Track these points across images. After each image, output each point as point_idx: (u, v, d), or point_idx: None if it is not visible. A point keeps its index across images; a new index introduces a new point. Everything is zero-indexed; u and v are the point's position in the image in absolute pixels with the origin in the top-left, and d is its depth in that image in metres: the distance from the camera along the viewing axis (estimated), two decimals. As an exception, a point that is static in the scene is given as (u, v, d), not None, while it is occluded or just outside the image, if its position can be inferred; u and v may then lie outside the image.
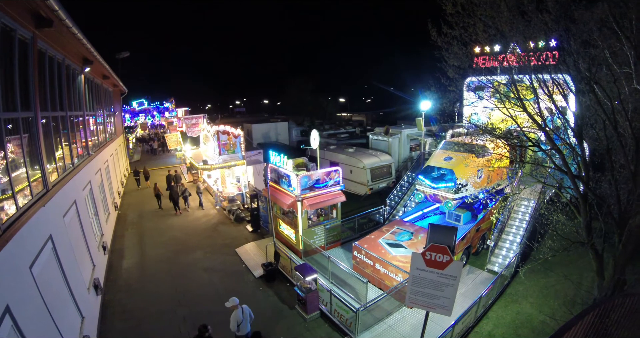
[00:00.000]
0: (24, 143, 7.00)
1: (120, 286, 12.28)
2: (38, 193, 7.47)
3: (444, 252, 6.04)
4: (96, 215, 13.56)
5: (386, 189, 20.53)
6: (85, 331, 8.09)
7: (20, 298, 5.28)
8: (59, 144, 10.05)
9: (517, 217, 13.42)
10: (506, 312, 10.46)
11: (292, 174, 13.11)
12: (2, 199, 5.75)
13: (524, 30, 8.68)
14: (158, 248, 15.39)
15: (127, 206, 22.06)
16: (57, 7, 7.22)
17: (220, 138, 18.95)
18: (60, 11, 7.49)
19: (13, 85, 6.59)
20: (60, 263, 7.76)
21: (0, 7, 5.64)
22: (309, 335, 9.79)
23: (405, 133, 23.25)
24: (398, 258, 11.21)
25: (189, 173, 27.61)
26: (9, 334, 4.57)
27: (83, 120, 13.79)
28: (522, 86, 9.33)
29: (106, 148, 19.18)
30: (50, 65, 9.24)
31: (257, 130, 36.51)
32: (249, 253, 14.47)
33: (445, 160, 13.15)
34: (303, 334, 9.81)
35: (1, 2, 5.63)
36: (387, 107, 60.52)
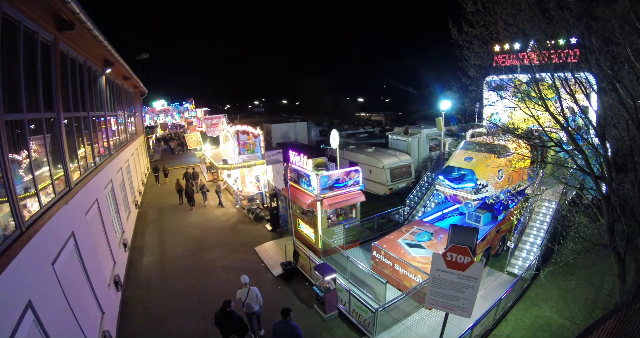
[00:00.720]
0: (47, 142, 7.19)
1: (140, 283, 12.52)
2: (61, 191, 7.66)
3: (465, 253, 5.99)
4: (117, 212, 13.86)
5: (405, 190, 20.32)
6: (105, 326, 8.26)
7: (42, 294, 5.42)
8: (81, 143, 10.31)
9: (538, 218, 13.10)
10: (525, 315, 10.25)
11: (312, 174, 13.11)
12: (26, 197, 5.92)
13: (546, 28, 8.47)
14: (178, 246, 15.63)
15: (147, 202, 22.71)
16: (78, 10, 7.39)
17: (240, 137, 19.13)
18: (82, 14, 7.66)
19: (36, 86, 6.79)
20: (82, 259, 7.93)
21: (23, 10, 5.81)
22: (326, 334, 9.77)
23: (425, 132, 22.99)
24: (417, 258, 11.09)
25: (208, 172, 28.03)
26: (30, 328, 4.70)
27: (104, 120, 14.12)
28: (544, 85, 9.11)
29: (127, 148, 19.61)
30: (72, 67, 9.48)
31: (276, 130, 36.70)
32: (268, 252, 14.56)
33: (465, 160, 12.95)
34: (321, 333, 9.80)
35: (23, 5, 5.80)
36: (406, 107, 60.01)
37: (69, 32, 7.99)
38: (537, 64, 9.18)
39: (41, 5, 6.60)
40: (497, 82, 11.39)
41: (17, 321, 4.39)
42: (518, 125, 10.15)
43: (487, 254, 12.54)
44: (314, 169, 13.37)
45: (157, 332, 9.88)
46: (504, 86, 10.55)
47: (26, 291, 4.91)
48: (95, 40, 10.11)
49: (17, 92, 5.91)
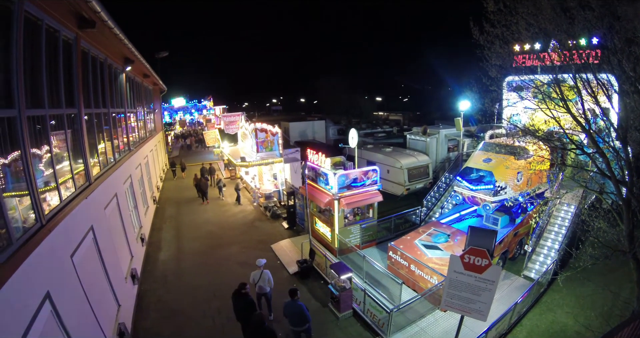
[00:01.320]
0: (68, 138, 7.35)
1: (156, 277, 12.74)
2: (81, 185, 7.83)
3: (483, 256, 5.94)
4: (135, 207, 14.12)
5: (423, 190, 20.17)
6: (121, 319, 8.43)
7: (60, 285, 5.55)
8: (102, 139, 10.53)
9: (557, 222, 12.83)
10: (541, 321, 10.07)
11: (330, 173, 13.12)
12: (46, 190, 6.08)
13: (568, 28, 8.27)
14: (194, 242, 15.85)
15: (165, 195, 23.32)
16: (100, 9, 7.52)
17: (258, 135, 19.31)
18: (103, 13, 7.80)
19: (58, 83, 6.95)
20: (100, 253, 8.10)
21: (45, 9, 5.94)
22: (340, 333, 9.77)
23: (443, 133, 22.73)
24: (434, 260, 10.99)
25: (226, 169, 28.35)
26: (47, 319, 4.81)
27: (124, 117, 14.39)
28: (565, 86, 8.91)
29: (146, 144, 19.95)
30: (93, 64, 9.68)
31: (294, 128, 36.87)
32: (284, 250, 14.63)
33: (484, 162, 12.78)
34: (335, 332, 9.80)
35: (45, 4, 5.94)
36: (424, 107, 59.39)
37: (90, 30, 8.13)
38: (559, 65, 8.98)
39: (63, 3, 6.73)
40: (517, 83, 11.18)
41: (35, 312, 4.50)
42: (538, 127, 9.94)
43: (504, 257, 12.33)
44: (331, 168, 13.38)
45: (172, 326, 10.04)
46: (523, 86, 10.35)
47: (45, 282, 5.03)
48: (115, 38, 10.28)
49: (40, 89, 6.06)
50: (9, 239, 4.37)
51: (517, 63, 13.53)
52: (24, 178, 5.12)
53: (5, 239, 4.33)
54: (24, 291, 4.42)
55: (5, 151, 4.72)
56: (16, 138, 4.99)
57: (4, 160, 4.67)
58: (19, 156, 5.03)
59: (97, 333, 6.82)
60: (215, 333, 9.75)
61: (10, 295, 3.99)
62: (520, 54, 13.92)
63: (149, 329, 9.87)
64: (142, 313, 10.55)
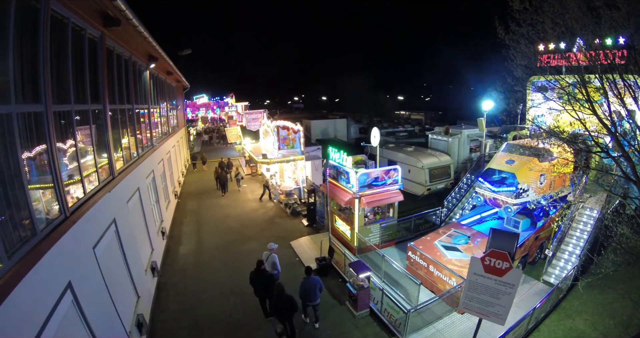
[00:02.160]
0: (93, 132, 7.57)
1: (175, 271, 12.98)
2: (105, 179, 8.05)
3: (504, 259, 5.88)
4: (157, 202, 14.45)
5: (444, 191, 19.91)
6: (140, 310, 8.63)
7: (82, 276, 5.72)
8: (125, 134, 10.80)
9: (579, 227, 12.44)
10: (559, 327, 9.82)
11: (351, 171, 13.09)
12: (70, 183, 6.28)
13: (594, 28, 8.02)
14: (214, 237, 16.08)
15: (186, 187, 24.19)
16: (125, 7, 7.70)
17: (280, 132, 19.41)
18: (127, 11, 7.99)
19: (84, 80, 7.17)
20: (122, 245, 8.32)
21: (71, 8, 6.13)
22: (356, 332, 9.75)
23: (466, 133, 22.35)
24: (453, 261, 10.84)
25: (247, 166, 28.67)
26: (68, 308, 4.98)
27: (148, 113, 14.72)
28: (590, 87, 8.65)
29: (169, 140, 20.36)
30: (118, 62, 9.92)
31: (315, 126, 36.93)
32: (303, 247, 14.70)
33: (507, 163, 12.52)
34: (351, 331, 9.79)
35: (72, 3, 6.12)
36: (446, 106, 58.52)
37: (115, 29, 8.33)
38: (585, 65, 8.72)
39: (88, 2, 6.92)
40: (542, 83, 10.91)
41: (57, 300, 4.65)
42: (563, 128, 9.66)
43: (524, 261, 12.07)
44: (353, 166, 13.35)
45: (190, 318, 10.20)
46: (548, 87, 10.09)
47: (67, 272, 5.19)
48: (140, 36, 10.50)
49: (66, 85, 6.26)
50: (33, 230, 4.54)
51: (542, 63, 13.17)
52: (49, 171, 5.30)
53: (30, 230, 4.50)
54: (46, 281, 4.56)
55: (31, 144, 4.89)
56: (42, 132, 5.17)
57: (29, 154, 4.83)
58: (44, 149, 5.21)
59: (116, 324, 7.01)
60: (232, 327, 9.88)
61: (33, 283, 4.12)
62: (545, 53, 13.53)
63: (167, 321, 10.07)
64: (161, 305, 10.77)
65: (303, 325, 9.93)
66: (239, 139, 32.88)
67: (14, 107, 4.36)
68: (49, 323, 4.31)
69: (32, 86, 4.96)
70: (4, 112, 4.19)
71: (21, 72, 4.60)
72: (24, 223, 4.42)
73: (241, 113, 37.29)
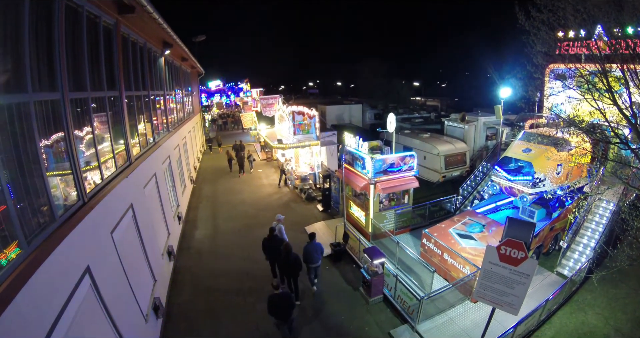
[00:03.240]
0: (109, 119, 7.68)
1: (191, 255, 13.23)
2: (122, 165, 8.19)
3: (519, 248, 5.83)
4: (173, 187, 14.66)
5: (459, 178, 19.74)
6: (156, 293, 8.84)
7: (100, 260, 5.86)
8: (141, 121, 10.92)
9: (594, 219, 12.19)
10: (570, 320, 9.73)
11: (367, 157, 13.03)
12: (88, 170, 6.41)
13: (616, 16, 7.71)
14: (230, 222, 16.29)
15: (202, 172, 24.81)
16: (139, -6, 7.71)
17: (296, 118, 19.43)
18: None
19: (99, 68, 7.23)
20: (139, 230, 8.47)
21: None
22: (369, 317, 9.86)
23: (482, 120, 21.93)
24: (467, 249, 10.81)
25: (262, 152, 28.84)
26: (87, 292, 5.11)
27: (163, 99, 14.83)
28: (611, 77, 8.36)
29: (184, 126, 20.53)
30: (133, 49, 9.97)
31: (331, 112, 36.83)
32: (318, 232, 14.67)
33: (524, 152, 12.29)
34: (364, 316, 9.90)
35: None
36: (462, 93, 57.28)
37: (130, 16, 8.34)
38: (605, 54, 8.41)
39: (103, -10, 6.94)
40: (561, 71, 10.59)
41: (75, 284, 4.78)
42: (582, 118, 9.39)
43: (538, 252, 11.94)
44: (368, 152, 13.29)
45: (205, 302, 10.43)
46: (567, 75, 9.79)
47: (85, 257, 5.32)
48: (154, 23, 10.48)
49: (82, 73, 6.32)
50: (52, 216, 4.66)
51: (561, 50, 12.76)
52: (67, 158, 5.41)
53: (49, 216, 4.62)
54: (65, 265, 4.69)
55: (49, 132, 4.98)
56: (60, 120, 5.26)
57: (47, 141, 4.93)
58: (61, 136, 5.31)
59: (133, 307, 7.21)
60: (246, 311, 10.09)
61: (52, 268, 4.25)
62: (565, 41, 13.09)
63: (183, 304, 10.33)
64: (177, 289, 11.03)
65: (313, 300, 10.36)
66: (254, 125, 33.05)
67: (31, 95, 4.43)
68: (67, 307, 4.45)
69: (48, 74, 5.02)
70: (22, 101, 4.26)
71: (37, 61, 4.65)
72: (42, 210, 4.53)
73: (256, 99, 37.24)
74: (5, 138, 3.94)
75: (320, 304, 10.36)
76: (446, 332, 9.09)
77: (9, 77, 4.15)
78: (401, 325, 9.47)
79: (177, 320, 9.68)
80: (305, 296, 10.70)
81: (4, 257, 3.56)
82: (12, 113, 4.06)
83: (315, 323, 9.60)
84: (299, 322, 9.46)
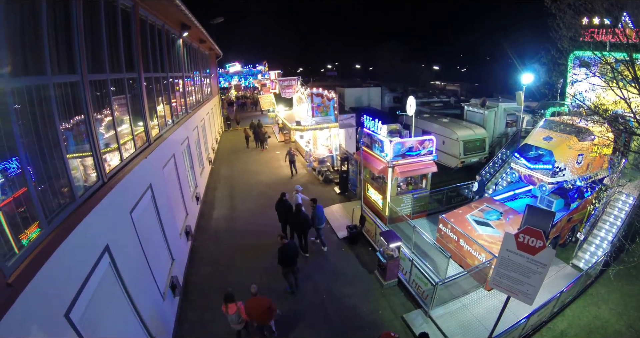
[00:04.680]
0: (129, 101, 7.78)
1: (209, 235, 13.49)
2: (141, 146, 8.34)
3: (538, 237, 5.76)
4: (192, 168, 14.87)
5: (478, 165, 19.38)
6: (174, 272, 9.09)
7: (119, 239, 6.04)
8: (160, 102, 11.03)
9: (613, 213, 11.81)
10: (583, 313, 9.58)
11: (386, 140, 12.91)
12: (108, 151, 6.55)
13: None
14: (247, 202, 16.50)
15: (220, 150, 25.37)
16: (156, -25, 7.67)
17: (314, 100, 19.31)
18: (159, -21, 7.95)
19: (118, 50, 7.29)
20: (158, 209, 8.66)
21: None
22: (383, 300, 9.95)
23: (503, 106, 21.34)
24: (484, 237, 10.67)
25: (280, 133, 28.93)
26: (106, 270, 5.29)
27: (182, 81, 14.91)
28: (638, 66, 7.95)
29: (203, 107, 20.68)
30: (151, 31, 10.00)
31: (349, 94, 36.44)
32: (335, 214, 14.88)
33: (544, 140, 11.92)
34: (378, 299, 9.99)
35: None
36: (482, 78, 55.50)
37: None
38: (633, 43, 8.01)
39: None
40: (585, 58, 10.15)
41: (95, 263, 4.95)
42: (607, 107, 9.02)
43: (555, 242, 11.69)
44: (387, 135, 13.18)
45: (221, 281, 10.64)
46: (591, 62, 9.38)
47: (105, 236, 5.48)
48: (172, 4, 10.42)
49: (100, 56, 6.40)
50: (72, 196, 4.81)
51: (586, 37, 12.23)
52: (86, 139, 5.53)
53: (69, 197, 4.77)
54: (85, 244, 4.85)
55: (69, 114, 5.09)
56: (79, 102, 5.36)
57: (67, 123, 5.05)
58: (82, 118, 5.42)
59: (151, 285, 7.44)
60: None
61: (72, 247, 4.40)
62: (590, 27, 12.52)
63: (200, 283, 10.59)
64: (194, 268, 11.30)
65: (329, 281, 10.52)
66: (272, 107, 33.11)
67: (51, 77, 4.51)
68: (87, 284, 4.62)
69: (67, 57, 5.09)
70: (41, 84, 4.35)
71: (56, 43, 4.72)
72: (63, 191, 4.67)
73: (274, 81, 37.10)
74: (26, 121, 4.04)
75: (335, 286, 10.49)
76: (459, 319, 9.09)
77: (28, 60, 4.22)
78: (414, 310, 9.53)
79: (194, 298, 9.95)
80: (320, 276, 10.89)
81: (25, 237, 3.72)
82: (32, 96, 4.14)
83: (329, 304, 9.74)
84: (313, 304, 9.69)
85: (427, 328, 8.83)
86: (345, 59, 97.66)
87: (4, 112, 3.60)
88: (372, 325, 8.97)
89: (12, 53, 3.87)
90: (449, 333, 8.62)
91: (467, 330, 8.74)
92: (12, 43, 3.86)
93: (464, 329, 8.76)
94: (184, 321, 9.05)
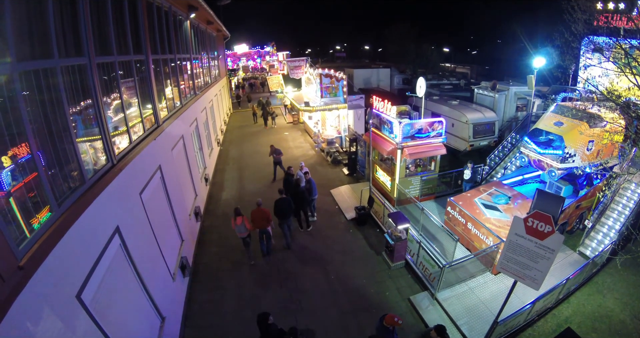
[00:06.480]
0: (137, 83, 7.77)
1: (218, 216, 13.65)
2: (150, 128, 8.36)
3: (547, 221, 5.69)
4: (200, 149, 14.95)
5: (487, 148, 19.17)
6: (184, 253, 9.24)
7: (129, 220, 6.12)
8: (168, 84, 10.99)
9: (621, 201, 11.60)
10: (588, 301, 9.58)
11: (395, 121, 12.83)
12: (117, 134, 6.58)
13: None
14: (255, 183, 16.61)
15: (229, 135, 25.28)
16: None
17: (323, 80, 19.16)
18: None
19: (125, 32, 7.23)
20: (167, 191, 8.76)
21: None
22: (390, 282, 10.05)
23: (513, 90, 20.98)
24: (492, 220, 10.64)
25: (288, 114, 28.86)
26: (117, 251, 5.39)
27: (189, 63, 14.81)
28: None
29: (211, 89, 20.59)
30: (158, 13, 9.87)
31: (358, 75, 36.11)
32: (343, 195, 14.94)
33: (555, 125, 11.70)
34: (385, 281, 10.09)
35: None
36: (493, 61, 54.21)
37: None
38: None
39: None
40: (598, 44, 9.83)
41: (105, 244, 5.04)
42: (620, 93, 8.77)
43: (562, 229, 11.64)
44: (397, 116, 13.07)
45: (230, 261, 10.87)
46: (604, 47, 9.07)
47: (115, 217, 5.56)
48: (179, -15, 10.30)
49: (108, 38, 6.36)
50: (82, 179, 4.86)
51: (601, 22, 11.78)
52: (95, 122, 5.55)
53: (79, 180, 4.82)
54: (95, 226, 4.92)
55: (77, 97, 5.10)
56: (87, 84, 5.36)
57: (76, 107, 5.05)
58: (90, 101, 5.42)
59: (161, 265, 7.59)
60: (269, 269, 10.54)
61: (83, 228, 4.47)
62: (604, 12, 12.02)
63: (209, 263, 10.80)
64: (203, 249, 11.49)
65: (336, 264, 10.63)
66: (280, 88, 32.85)
67: (58, 61, 4.50)
68: (98, 266, 4.71)
69: (74, 39, 5.06)
70: (49, 67, 4.34)
71: (62, 26, 4.69)
72: (73, 174, 4.72)
73: (283, 62, 36.71)
74: (35, 105, 4.05)
75: (342, 267, 10.61)
76: (465, 302, 9.18)
77: (35, 43, 4.19)
78: (421, 292, 9.64)
79: (204, 278, 10.15)
80: (329, 257, 11.04)
81: (37, 222, 3.77)
82: (39, 81, 4.13)
83: (337, 285, 9.88)
84: (320, 286, 9.82)
85: (432, 311, 8.97)
86: (354, 40, 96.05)
87: (13, 98, 3.61)
88: (378, 306, 9.08)
89: (19, 37, 3.84)
90: (454, 316, 8.71)
91: (472, 313, 8.82)
92: (18, 27, 3.83)
93: (470, 312, 8.84)
94: (193, 301, 9.24)
